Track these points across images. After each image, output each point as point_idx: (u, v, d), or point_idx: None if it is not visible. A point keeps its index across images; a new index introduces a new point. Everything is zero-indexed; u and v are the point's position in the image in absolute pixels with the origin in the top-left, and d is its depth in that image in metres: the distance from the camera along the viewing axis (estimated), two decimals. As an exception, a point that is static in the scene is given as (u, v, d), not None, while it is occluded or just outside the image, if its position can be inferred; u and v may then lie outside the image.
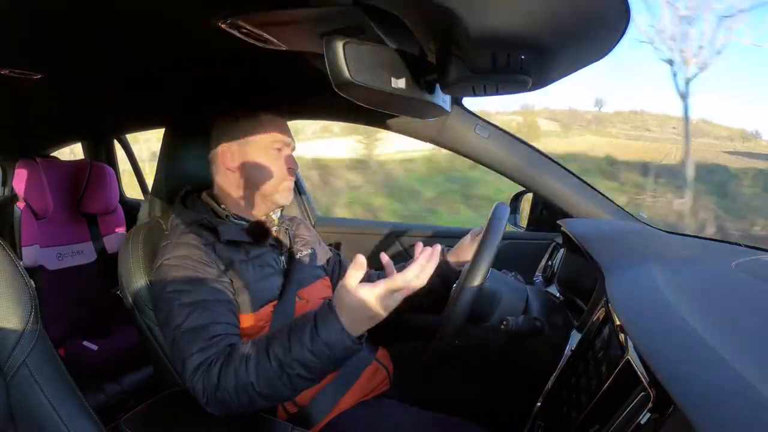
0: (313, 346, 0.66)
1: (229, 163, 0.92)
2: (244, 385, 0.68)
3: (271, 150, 0.92)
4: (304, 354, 0.66)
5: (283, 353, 0.67)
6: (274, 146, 0.92)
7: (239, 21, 0.64)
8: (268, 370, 0.68)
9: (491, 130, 1.14)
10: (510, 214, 1.18)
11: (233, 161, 0.92)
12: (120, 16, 0.67)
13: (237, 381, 0.69)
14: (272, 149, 0.92)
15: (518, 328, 0.81)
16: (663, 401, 0.42)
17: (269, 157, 0.92)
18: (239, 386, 0.68)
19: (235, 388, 0.69)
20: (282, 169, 0.92)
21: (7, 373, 0.55)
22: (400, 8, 0.52)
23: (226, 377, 0.69)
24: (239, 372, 0.69)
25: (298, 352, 0.66)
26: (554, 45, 0.49)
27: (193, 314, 0.76)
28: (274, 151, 0.92)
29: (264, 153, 0.91)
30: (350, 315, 0.66)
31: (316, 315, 0.68)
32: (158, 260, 0.83)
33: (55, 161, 1.80)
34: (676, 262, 0.81)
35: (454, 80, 0.56)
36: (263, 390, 0.68)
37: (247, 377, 0.68)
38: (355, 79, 0.52)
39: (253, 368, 0.68)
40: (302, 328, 0.68)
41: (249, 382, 0.68)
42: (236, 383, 0.69)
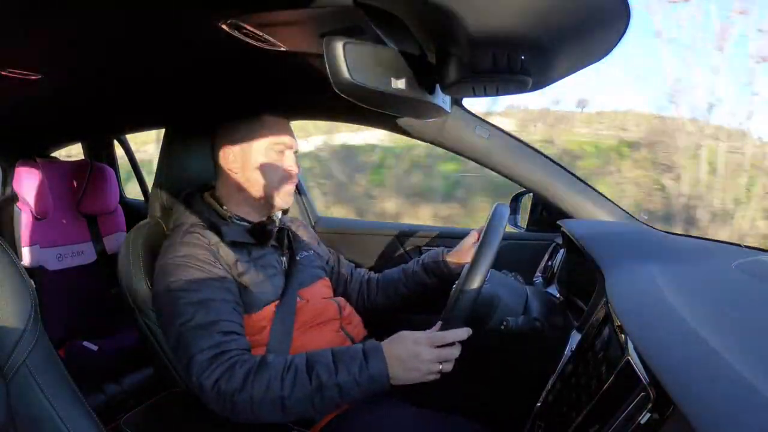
0: (360, 375, 0.71)
1: (230, 165, 0.92)
2: (273, 397, 0.70)
3: (272, 152, 0.92)
4: (347, 380, 0.70)
5: (327, 376, 0.70)
6: (275, 148, 0.92)
7: (240, 21, 0.64)
8: (305, 388, 0.70)
9: (491, 131, 1.14)
10: (510, 214, 1.18)
11: (234, 163, 0.92)
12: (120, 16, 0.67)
13: (268, 392, 0.70)
14: (273, 151, 0.92)
15: (518, 328, 0.81)
16: (663, 401, 0.42)
17: (270, 159, 0.91)
18: (268, 398, 0.70)
19: (262, 398, 0.70)
20: (283, 172, 0.92)
21: (7, 373, 0.55)
22: (400, 8, 0.52)
23: (255, 385, 0.70)
24: (272, 384, 0.70)
25: (343, 377, 0.70)
26: (554, 45, 0.49)
27: (200, 312, 0.76)
28: (276, 154, 0.92)
29: (265, 155, 0.91)
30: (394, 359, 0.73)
31: (365, 348, 0.74)
32: (162, 259, 0.83)
33: (55, 161, 1.80)
34: (676, 262, 0.81)
35: (454, 81, 0.56)
36: (291, 405, 0.70)
37: (280, 391, 0.70)
38: (355, 79, 0.52)
39: (289, 383, 0.70)
40: (351, 357, 0.72)
41: (280, 395, 0.70)
42: (266, 394, 0.70)
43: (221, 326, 0.76)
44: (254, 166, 0.91)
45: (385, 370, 0.72)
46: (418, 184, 4.54)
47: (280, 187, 0.92)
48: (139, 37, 0.76)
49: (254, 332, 0.85)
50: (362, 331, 1.02)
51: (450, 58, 0.55)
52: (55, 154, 1.95)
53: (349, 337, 0.95)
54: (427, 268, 1.08)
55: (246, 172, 0.91)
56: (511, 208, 1.25)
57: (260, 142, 0.91)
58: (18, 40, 0.75)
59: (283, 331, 0.86)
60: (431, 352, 0.74)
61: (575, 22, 0.45)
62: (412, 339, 0.75)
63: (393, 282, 1.11)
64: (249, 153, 0.91)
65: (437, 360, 0.74)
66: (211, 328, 0.75)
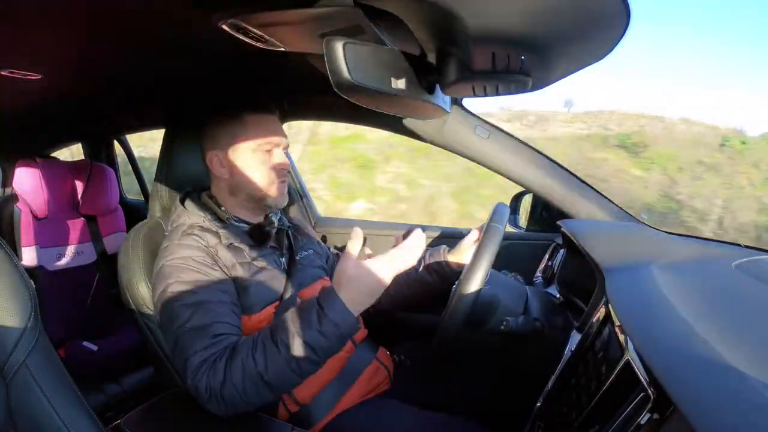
0: (322, 326, 0.68)
1: (218, 169, 0.91)
2: (252, 376, 0.69)
3: (258, 153, 0.89)
4: (312, 335, 0.68)
5: (292, 339, 0.69)
6: (261, 148, 0.89)
7: (239, 21, 0.64)
8: (276, 357, 0.69)
9: (491, 131, 1.14)
10: (510, 214, 1.18)
11: (222, 167, 0.90)
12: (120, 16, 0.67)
13: (245, 373, 0.69)
14: (260, 152, 0.90)
15: (518, 328, 0.81)
16: (663, 401, 0.42)
17: (257, 160, 0.89)
18: (247, 378, 0.69)
19: (242, 381, 0.69)
20: (270, 172, 0.90)
21: (7, 373, 0.55)
22: (400, 8, 0.52)
23: (233, 371, 0.69)
24: (246, 364, 0.69)
25: (307, 334, 0.68)
26: (554, 45, 0.49)
27: (196, 314, 0.76)
28: (262, 154, 0.90)
29: (251, 157, 0.89)
30: (350, 290, 0.70)
31: (318, 298, 0.71)
32: (160, 261, 0.83)
33: (55, 161, 1.80)
34: (676, 262, 0.80)
35: (454, 81, 0.56)
36: (272, 378, 0.69)
37: (255, 367, 0.69)
38: (355, 79, 0.52)
39: (261, 358, 0.69)
40: (308, 312, 0.70)
41: (257, 372, 0.69)
42: (244, 375, 0.69)
43: (217, 329, 0.75)
44: (242, 170, 0.89)
45: (344, 308, 0.69)
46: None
47: (271, 186, 0.91)
48: (140, 37, 0.76)
49: (254, 333, 0.85)
50: (363, 331, 1.02)
51: (450, 58, 0.55)
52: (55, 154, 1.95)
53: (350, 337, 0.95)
54: (428, 266, 1.07)
55: (235, 176, 0.90)
56: (511, 208, 1.25)
57: (245, 144, 0.89)
58: (18, 40, 0.75)
59: None
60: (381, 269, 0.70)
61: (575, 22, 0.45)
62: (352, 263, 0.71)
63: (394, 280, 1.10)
64: (235, 157, 0.89)
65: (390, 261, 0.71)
66: (207, 330, 0.74)
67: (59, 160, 1.84)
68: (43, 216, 1.62)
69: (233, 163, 0.90)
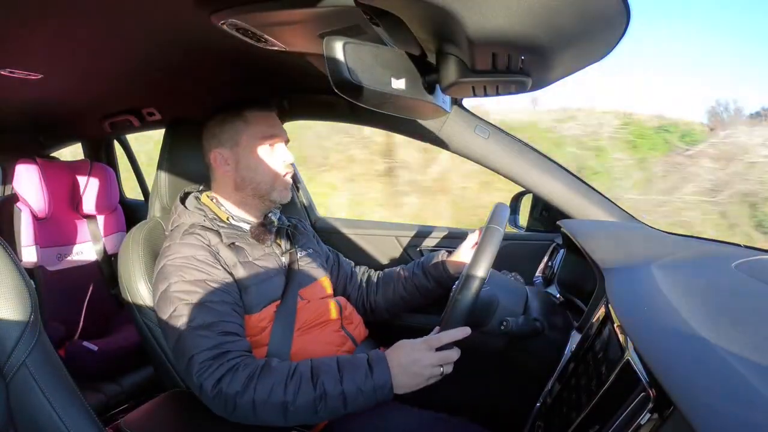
0: (365, 385, 0.71)
1: (222, 167, 0.91)
2: (276, 403, 0.70)
3: (262, 146, 0.91)
4: (352, 389, 0.71)
5: (332, 385, 0.71)
6: (264, 142, 0.91)
7: (239, 21, 0.64)
8: (309, 395, 0.71)
9: (491, 131, 1.14)
10: (510, 214, 1.17)
11: (227, 165, 0.91)
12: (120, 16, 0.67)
13: (272, 396, 0.70)
14: (263, 145, 0.91)
15: (518, 328, 0.80)
16: (663, 401, 0.42)
17: (261, 153, 0.91)
18: (271, 402, 0.70)
19: (264, 402, 0.70)
20: (276, 164, 0.91)
21: (7, 373, 0.55)
22: (400, 9, 0.52)
23: (258, 389, 0.71)
24: (276, 389, 0.71)
25: (348, 386, 0.71)
26: (554, 45, 0.49)
27: (200, 314, 0.76)
28: (266, 147, 0.91)
29: (256, 151, 0.90)
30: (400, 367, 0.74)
31: (369, 359, 0.75)
32: (162, 261, 0.83)
33: (55, 161, 1.80)
34: (676, 262, 0.80)
35: (454, 81, 0.56)
36: (294, 411, 0.71)
37: (284, 396, 0.70)
38: (355, 79, 0.52)
39: (293, 389, 0.71)
40: (356, 366, 0.73)
41: (284, 401, 0.70)
42: (269, 398, 0.70)
43: (221, 327, 0.76)
44: (246, 165, 0.90)
45: (389, 379, 0.73)
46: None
47: (275, 181, 0.91)
48: (140, 37, 0.77)
49: (255, 333, 0.85)
50: (363, 331, 1.02)
51: (450, 58, 0.55)
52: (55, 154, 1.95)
53: (350, 337, 0.95)
54: (426, 270, 1.07)
55: (239, 171, 0.91)
56: (511, 208, 1.25)
57: (249, 139, 0.90)
58: (18, 40, 0.75)
59: (284, 331, 0.86)
60: (431, 356, 0.75)
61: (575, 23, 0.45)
62: (411, 345, 0.76)
63: (392, 283, 1.11)
64: (239, 153, 0.90)
65: (437, 363, 0.75)
66: (211, 328, 0.75)
67: (59, 160, 1.84)
68: (43, 216, 1.62)
69: (238, 159, 0.91)
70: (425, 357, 0.74)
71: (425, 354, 0.75)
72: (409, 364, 0.74)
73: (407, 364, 0.74)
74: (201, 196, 0.95)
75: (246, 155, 0.90)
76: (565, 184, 1.13)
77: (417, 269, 1.09)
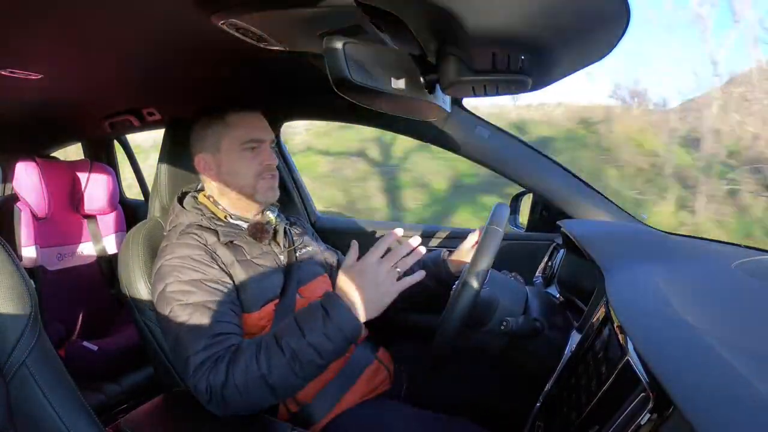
0: (326, 329, 0.70)
1: (206, 171, 0.92)
2: (255, 379, 0.69)
3: (243, 152, 0.90)
4: (318, 338, 0.69)
5: (296, 341, 0.70)
6: (246, 146, 0.90)
7: (239, 21, 0.64)
8: (280, 360, 0.69)
9: (491, 130, 1.14)
10: (510, 214, 1.17)
11: (210, 170, 0.91)
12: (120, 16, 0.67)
13: (248, 375, 0.70)
14: (245, 150, 0.90)
15: (518, 328, 0.80)
16: (663, 402, 0.42)
17: (242, 158, 0.90)
18: (250, 380, 0.69)
19: (245, 383, 0.69)
20: (256, 169, 0.91)
21: (7, 373, 0.55)
22: (400, 8, 0.52)
23: (236, 373, 0.70)
24: (250, 366, 0.70)
25: (312, 337, 0.69)
26: (554, 45, 0.49)
27: (196, 314, 0.76)
28: (248, 152, 0.90)
29: (236, 156, 0.90)
30: (353, 296, 0.72)
31: (322, 302, 0.72)
32: (159, 261, 0.83)
33: (55, 161, 1.80)
34: (675, 262, 0.80)
35: (454, 80, 0.56)
36: (276, 381, 0.70)
37: (258, 370, 0.69)
38: (355, 79, 0.52)
39: (264, 361, 0.70)
40: (313, 315, 0.71)
41: (261, 374, 0.69)
42: (247, 378, 0.69)
43: (217, 328, 0.75)
44: (227, 170, 0.90)
45: (349, 313, 0.71)
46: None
47: (258, 184, 0.91)
48: (140, 37, 0.77)
49: (254, 331, 0.84)
50: (364, 330, 1.02)
51: (450, 58, 0.55)
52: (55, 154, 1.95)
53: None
54: (427, 269, 1.07)
55: (222, 176, 0.90)
56: (511, 208, 1.25)
57: (229, 144, 0.90)
58: (18, 40, 0.75)
59: None
60: (380, 267, 0.72)
61: (575, 22, 0.45)
62: (356, 270, 0.73)
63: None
64: (220, 158, 0.90)
65: (389, 268, 0.73)
66: (207, 330, 0.75)
67: (59, 160, 1.84)
68: (43, 216, 1.62)
69: (220, 164, 0.91)
70: (375, 271, 0.72)
71: (374, 268, 0.72)
72: (363, 287, 0.72)
73: (362, 288, 0.71)
74: (198, 196, 0.95)
75: (227, 161, 0.90)
76: (565, 184, 1.14)
77: (417, 267, 1.09)
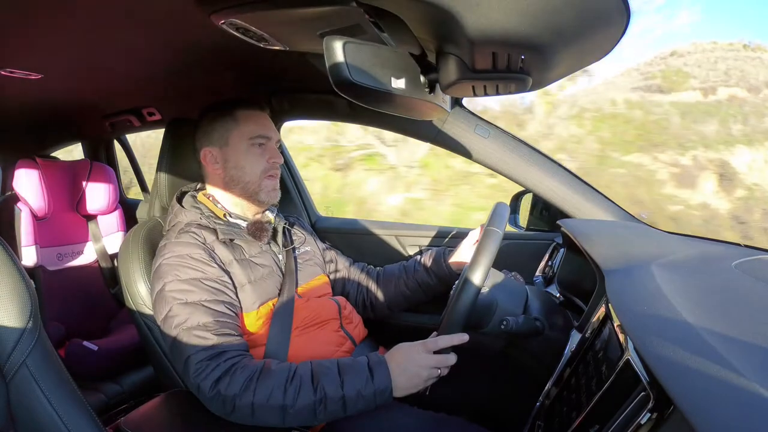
0: (365, 390, 0.71)
1: (212, 165, 0.92)
2: (275, 404, 0.71)
3: (251, 147, 0.91)
4: (352, 394, 0.71)
5: (333, 389, 0.71)
6: (254, 142, 0.91)
7: (239, 21, 0.64)
8: (309, 399, 0.71)
9: (491, 130, 1.14)
10: (510, 214, 1.17)
11: (216, 163, 0.92)
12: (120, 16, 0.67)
13: (271, 400, 0.71)
14: (252, 146, 0.91)
15: (518, 328, 0.80)
16: (663, 401, 0.42)
17: (250, 154, 0.91)
18: (271, 405, 0.71)
19: (263, 405, 0.71)
20: (263, 166, 0.92)
21: (7, 373, 0.55)
22: (401, 8, 0.52)
23: (258, 392, 0.71)
24: (275, 392, 0.71)
25: (348, 390, 0.71)
26: (555, 45, 0.49)
27: (195, 313, 0.76)
28: (255, 147, 0.91)
29: (244, 150, 0.91)
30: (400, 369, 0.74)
31: (370, 362, 0.74)
32: (158, 260, 0.83)
33: (55, 161, 1.80)
34: (676, 262, 0.80)
35: (454, 80, 0.56)
36: (293, 414, 0.71)
37: (284, 400, 0.70)
38: (355, 79, 0.52)
39: (293, 393, 0.71)
40: (356, 370, 0.73)
41: (283, 403, 0.70)
42: (269, 401, 0.71)
43: (217, 326, 0.76)
44: (234, 164, 0.91)
45: (389, 383, 0.73)
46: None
47: (263, 182, 0.92)
48: (140, 37, 0.77)
49: (252, 331, 0.84)
50: (363, 331, 1.01)
51: (450, 58, 0.55)
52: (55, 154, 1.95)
53: (350, 337, 0.95)
54: (428, 267, 1.07)
55: (228, 170, 0.91)
56: (511, 208, 1.25)
57: (238, 138, 0.91)
58: (18, 40, 0.75)
59: (282, 330, 0.86)
60: (429, 359, 0.75)
61: (575, 22, 0.45)
62: (410, 348, 0.76)
63: (394, 279, 1.11)
64: (227, 152, 0.91)
65: (435, 365, 0.75)
66: (207, 329, 0.75)
67: (59, 160, 1.84)
68: (43, 216, 1.62)
69: (227, 158, 0.91)
70: (423, 359, 0.75)
71: (423, 356, 0.75)
72: (407, 367, 0.74)
73: (406, 367, 0.74)
74: (198, 195, 0.95)
75: (235, 154, 0.91)
76: (565, 184, 1.13)
77: (418, 266, 1.09)
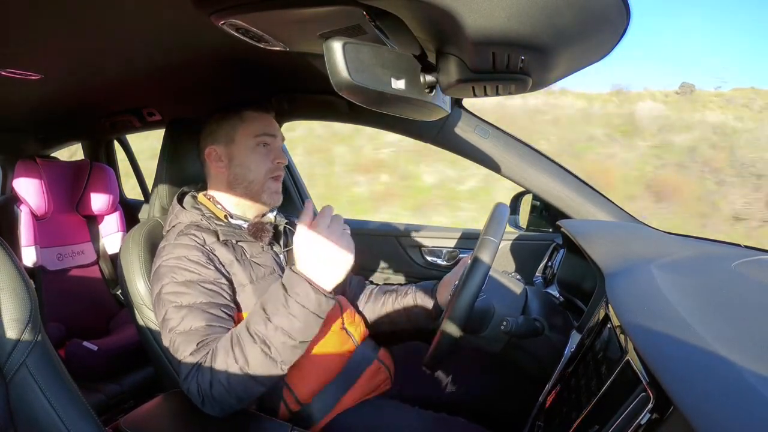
0: (289, 308, 0.70)
1: (216, 163, 0.92)
2: (234, 372, 0.69)
3: (257, 147, 0.91)
4: (283, 319, 0.69)
5: (264, 327, 0.70)
6: (259, 140, 0.91)
7: (239, 21, 0.64)
8: (254, 349, 0.70)
9: (491, 131, 1.14)
10: (510, 214, 1.17)
11: (220, 161, 0.92)
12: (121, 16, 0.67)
13: (228, 370, 0.70)
14: (258, 145, 0.91)
15: (518, 328, 0.80)
16: (663, 402, 0.42)
17: (255, 153, 0.91)
18: (231, 375, 0.69)
19: (227, 378, 0.70)
20: (268, 166, 0.92)
21: (7, 373, 0.55)
22: (400, 8, 0.52)
23: (217, 370, 0.70)
24: (228, 361, 0.70)
25: (277, 319, 0.70)
26: (555, 45, 0.49)
27: (189, 316, 0.76)
28: (261, 147, 0.92)
29: (249, 149, 0.91)
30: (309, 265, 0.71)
31: (282, 280, 0.72)
32: (157, 261, 0.83)
33: (55, 161, 1.80)
34: (675, 262, 0.80)
35: (454, 81, 0.56)
36: (255, 371, 0.70)
37: (236, 363, 0.70)
38: (355, 79, 0.52)
39: (239, 352, 0.70)
40: (275, 298, 0.71)
41: (239, 367, 0.70)
42: (228, 373, 0.70)
43: (208, 331, 0.75)
44: (239, 163, 0.91)
45: (309, 287, 0.70)
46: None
47: (267, 182, 0.92)
48: (140, 37, 0.77)
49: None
50: (364, 331, 1.01)
51: (450, 58, 0.55)
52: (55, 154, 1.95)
53: (351, 337, 0.95)
54: (417, 297, 1.05)
55: (232, 169, 0.91)
56: (511, 208, 1.25)
57: (243, 137, 0.91)
58: (18, 40, 0.75)
59: None
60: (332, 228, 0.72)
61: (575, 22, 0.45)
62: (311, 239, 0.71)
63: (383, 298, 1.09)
64: (233, 150, 0.91)
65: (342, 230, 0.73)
66: (198, 333, 0.75)
67: (59, 160, 1.84)
68: (43, 216, 1.62)
69: (232, 156, 0.91)
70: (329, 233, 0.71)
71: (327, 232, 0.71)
72: (321, 253, 0.71)
73: (321, 255, 0.71)
74: (198, 195, 0.95)
75: (240, 153, 0.91)
76: (565, 184, 1.14)
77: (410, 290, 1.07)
